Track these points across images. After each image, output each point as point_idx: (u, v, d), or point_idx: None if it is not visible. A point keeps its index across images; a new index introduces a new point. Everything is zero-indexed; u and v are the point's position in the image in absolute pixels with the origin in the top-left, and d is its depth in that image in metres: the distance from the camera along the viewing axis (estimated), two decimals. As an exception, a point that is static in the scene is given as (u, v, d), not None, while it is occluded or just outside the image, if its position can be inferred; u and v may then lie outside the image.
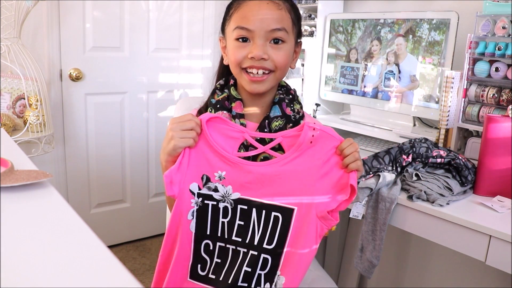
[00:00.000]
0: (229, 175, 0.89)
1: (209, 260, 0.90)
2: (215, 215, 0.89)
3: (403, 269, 1.82)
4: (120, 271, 0.51)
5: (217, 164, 0.89)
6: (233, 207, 0.89)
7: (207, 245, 0.89)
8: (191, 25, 2.45)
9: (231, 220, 0.89)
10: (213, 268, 0.89)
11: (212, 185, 0.89)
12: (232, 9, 0.94)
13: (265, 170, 0.88)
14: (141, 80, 2.37)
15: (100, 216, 2.38)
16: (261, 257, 0.88)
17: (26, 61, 1.74)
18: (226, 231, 0.89)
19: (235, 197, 0.89)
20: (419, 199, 1.14)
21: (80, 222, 0.64)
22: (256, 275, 0.88)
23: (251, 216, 0.88)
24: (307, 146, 0.87)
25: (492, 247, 1.01)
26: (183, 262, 0.90)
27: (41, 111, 1.78)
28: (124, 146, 2.39)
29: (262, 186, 0.88)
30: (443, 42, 1.49)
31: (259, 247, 0.88)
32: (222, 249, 0.89)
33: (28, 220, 0.65)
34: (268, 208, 0.88)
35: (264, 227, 0.88)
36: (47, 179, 0.78)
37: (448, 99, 1.40)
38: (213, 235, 0.89)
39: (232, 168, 0.89)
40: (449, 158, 1.20)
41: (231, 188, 0.89)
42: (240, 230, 0.89)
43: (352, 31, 1.81)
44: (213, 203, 0.89)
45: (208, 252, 0.90)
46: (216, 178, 0.89)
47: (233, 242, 0.89)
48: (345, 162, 0.85)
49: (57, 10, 2.05)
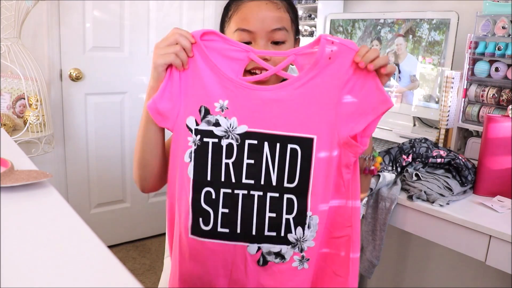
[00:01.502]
0: (233, 104, 0.76)
1: (213, 211, 0.77)
2: (217, 155, 0.76)
3: (403, 269, 1.82)
4: (120, 271, 0.51)
5: (217, 92, 0.76)
6: (239, 143, 0.76)
7: (208, 193, 0.77)
8: (191, 25, 2.45)
9: (238, 159, 0.76)
10: (221, 220, 0.77)
11: (212, 118, 0.76)
12: (231, 11, 0.94)
13: (276, 95, 0.76)
14: (141, 80, 2.37)
15: (100, 216, 2.38)
16: (284, 199, 0.77)
17: (26, 61, 1.74)
18: (233, 174, 0.77)
19: (241, 131, 0.76)
20: (419, 199, 1.14)
21: (80, 222, 0.64)
22: (284, 221, 0.77)
23: (262, 152, 0.76)
24: (325, 64, 0.75)
25: (492, 247, 1.01)
26: (184, 214, 0.78)
27: (41, 111, 1.78)
28: (124, 146, 2.39)
29: (274, 115, 0.76)
30: (443, 42, 1.49)
31: (280, 187, 0.76)
32: (229, 196, 0.77)
33: (28, 220, 0.65)
34: (283, 140, 0.76)
35: (281, 163, 0.76)
36: (47, 179, 0.78)
37: (448, 99, 1.40)
38: (216, 181, 0.77)
39: (236, 95, 0.76)
40: (449, 158, 1.20)
41: (236, 120, 0.76)
42: (251, 170, 0.76)
43: (352, 31, 1.81)
44: (214, 141, 0.76)
45: (210, 202, 0.77)
46: (217, 110, 0.76)
47: (243, 186, 0.77)
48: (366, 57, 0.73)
49: (57, 10, 2.05)
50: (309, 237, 0.78)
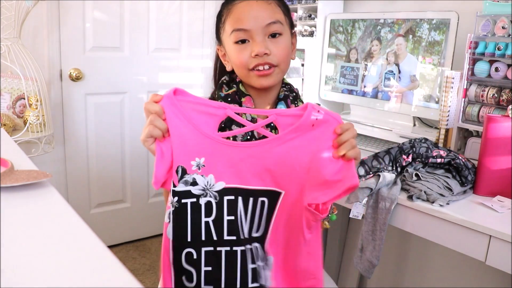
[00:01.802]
0: (210, 161, 0.75)
1: (195, 271, 0.76)
2: (196, 214, 0.76)
3: (403, 269, 1.82)
4: (120, 271, 0.51)
5: (193, 149, 0.75)
6: (218, 200, 0.76)
7: (189, 254, 0.76)
8: (191, 25, 2.45)
9: (218, 217, 0.76)
10: (205, 278, 0.76)
11: (189, 178, 0.75)
12: (223, 16, 0.95)
13: (254, 151, 0.76)
14: (141, 80, 2.37)
15: (100, 216, 2.38)
16: (253, 247, 0.78)
17: (26, 61, 1.74)
18: (214, 232, 0.76)
19: (219, 188, 0.76)
20: (419, 199, 1.14)
21: (80, 222, 0.64)
22: (262, 269, 0.78)
23: (237, 207, 0.77)
24: (307, 129, 0.76)
25: (492, 247, 1.01)
26: (166, 273, 0.77)
27: (41, 111, 1.78)
28: (124, 146, 2.39)
29: (249, 170, 0.76)
30: (443, 42, 1.49)
31: (250, 237, 0.78)
32: (211, 254, 0.76)
33: (28, 220, 0.65)
34: (255, 194, 0.77)
35: (252, 215, 0.78)
36: (47, 179, 0.78)
37: (448, 99, 1.40)
38: (196, 241, 0.76)
39: (212, 152, 0.75)
40: (449, 158, 1.20)
41: (213, 177, 0.76)
42: (231, 226, 0.77)
43: (352, 31, 1.81)
44: (192, 201, 0.76)
45: (191, 263, 0.76)
46: (193, 168, 0.76)
47: (225, 243, 0.76)
48: (340, 149, 0.75)
49: (57, 10, 2.05)
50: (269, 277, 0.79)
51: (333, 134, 0.76)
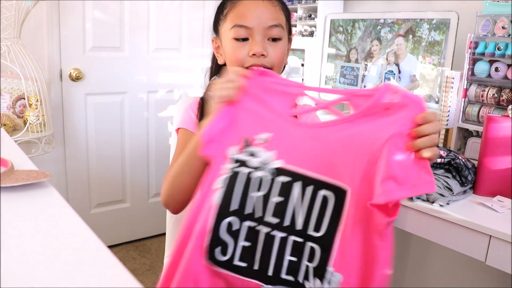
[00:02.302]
0: (276, 138, 0.73)
1: (233, 242, 0.72)
2: (246, 186, 0.73)
3: (403, 269, 1.82)
4: (120, 271, 0.51)
5: (263, 125, 0.74)
6: (271, 178, 0.72)
7: (229, 224, 0.72)
8: (191, 25, 2.45)
9: (266, 195, 0.72)
10: (241, 253, 0.72)
11: (251, 150, 0.74)
12: (226, 9, 0.95)
13: (319, 133, 0.71)
14: (141, 80, 2.37)
15: (100, 216, 2.38)
16: (306, 246, 0.70)
17: (26, 61, 1.74)
18: (258, 209, 0.72)
19: (276, 165, 0.72)
20: (419, 199, 1.14)
21: (80, 222, 0.64)
22: (304, 267, 0.70)
23: (292, 192, 0.71)
24: (381, 113, 0.66)
25: (492, 247, 1.01)
26: (198, 241, 0.72)
27: (41, 111, 1.78)
28: (124, 146, 2.39)
29: (313, 154, 0.70)
30: (443, 42, 1.49)
31: (303, 233, 0.70)
32: (251, 230, 0.72)
33: (28, 220, 0.65)
34: (315, 184, 0.70)
35: (309, 207, 0.70)
36: (47, 179, 0.78)
37: (448, 99, 1.40)
38: (240, 212, 0.72)
39: (281, 129, 0.73)
40: (449, 158, 1.20)
41: (275, 154, 0.73)
42: (278, 208, 0.71)
43: (352, 31, 1.81)
44: (247, 171, 0.73)
45: (231, 233, 0.72)
46: (257, 141, 0.74)
47: (267, 224, 0.71)
48: (417, 143, 0.63)
49: (57, 10, 2.05)
50: None
51: (412, 122, 0.64)
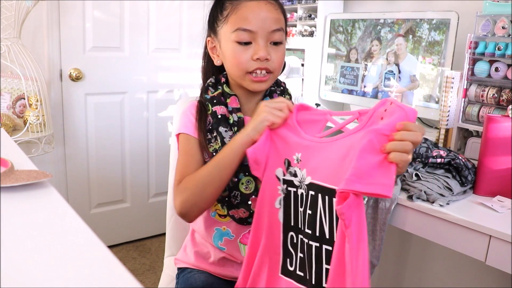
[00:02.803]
0: (305, 156, 0.81)
1: (294, 254, 0.82)
2: (296, 203, 0.82)
3: (403, 269, 1.82)
4: (120, 271, 0.51)
5: (293, 146, 0.83)
6: (306, 193, 0.80)
7: (291, 237, 0.83)
8: (191, 25, 2.45)
9: (304, 209, 0.80)
10: (299, 263, 0.81)
11: (292, 170, 0.83)
12: (227, 10, 0.93)
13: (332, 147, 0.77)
14: (141, 80, 2.37)
15: (100, 216, 2.38)
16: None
17: (26, 61, 1.74)
18: (305, 222, 0.80)
19: (307, 182, 0.80)
20: (419, 199, 1.14)
21: (80, 222, 0.64)
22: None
23: (318, 204, 0.77)
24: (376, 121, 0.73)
25: (492, 247, 1.01)
26: (273, 256, 0.83)
27: (41, 111, 1.78)
28: (124, 146, 2.39)
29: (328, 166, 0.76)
30: (443, 42, 1.49)
31: (332, 240, 0.74)
32: (302, 242, 0.81)
33: (28, 220, 0.65)
34: (330, 194, 0.75)
35: (330, 216, 0.75)
36: (47, 179, 0.78)
37: (448, 99, 1.40)
38: (296, 226, 0.82)
39: (307, 148, 0.81)
40: (449, 158, 1.20)
41: (306, 172, 0.80)
42: (309, 220, 0.79)
43: (352, 31, 1.81)
44: (294, 190, 0.82)
45: (293, 245, 0.82)
46: (294, 162, 0.83)
47: (306, 234, 0.79)
48: (388, 146, 0.66)
49: (57, 10, 2.05)
50: None
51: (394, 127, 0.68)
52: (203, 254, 1.06)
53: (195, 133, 0.97)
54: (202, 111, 0.98)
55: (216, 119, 0.96)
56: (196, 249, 1.07)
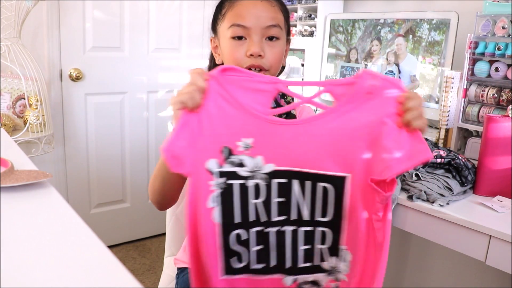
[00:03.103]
0: (259, 142, 0.71)
1: (245, 251, 0.75)
2: (244, 197, 0.72)
3: (403, 269, 1.82)
4: (120, 271, 0.51)
5: (241, 130, 0.71)
6: (267, 183, 0.72)
7: (238, 235, 0.74)
8: (191, 25, 2.45)
9: (267, 199, 0.73)
10: (257, 257, 0.75)
11: (235, 159, 0.71)
12: (224, 9, 0.95)
13: (307, 129, 0.70)
14: (141, 80, 2.37)
15: (100, 216, 2.38)
16: (317, 231, 0.74)
17: (26, 61, 1.74)
18: (263, 214, 0.73)
19: (268, 170, 0.72)
20: (419, 199, 1.14)
21: (80, 222, 0.64)
22: (319, 251, 0.74)
23: (292, 191, 0.72)
24: (364, 98, 0.69)
25: (492, 247, 1.01)
26: (211, 260, 0.73)
27: (41, 111, 1.78)
28: (124, 146, 2.39)
29: (303, 151, 0.70)
30: (443, 42, 1.49)
31: (312, 221, 0.73)
32: (260, 234, 0.74)
33: (28, 220, 0.65)
34: (313, 178, 0.71)
35: (312, 199, 0.72)
36: (47, 179, 0.78)
37: (448, 99, 1.40)
38: (245, 222, 0.73)
39: (262, 132, 0.71)
40: (449, 158, 1.20)
41: (262, 159, 0.71)
42: (282, 207, 0.73)
43: (352, 31, 1.81)
44: (240, 182, 0.72)
45: (241, 243, 0.74)
46: (240, 149, 0.71)
47: (274, 223, 0.74)
48: (406, 117, 0.67)
49: (57, 10, 2.05)
50: (342, 269, 0.74)
51: (395, 102, 0.68)
52: None
53: None
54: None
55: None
56: None
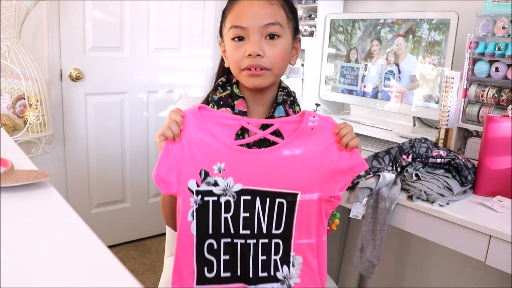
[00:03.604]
0: (229, 166, 0.86)
1: (215, 259, 0.86)
2: (217, 211, 0.86)
3: (403, 269, 1.82)
4: (120, 271, 0.51)
5: (215, 156, 0.86)
6: (235, 199, 0.86)
7: (210, 245, 0.86)
8: (191, 25, 2.45)
9: (235, 213, 0.86)
10: (224, 266, 0.87)
11: (211, 180, 0.85)
12: (226, 11, 0.95)
13: (267, 157, 0.86)
14: (141, 80, 2.37)
15: (100, 216, 2.38)
16: (272, 243, 0.87)
17: (26, 61, 1.74)
18: (232, 226, 0.86)
19: (237, 189, 0.86)
20: (419, 199, 1.14)
21: (80, 222, 0.64)
22: (272, 261, 0.88)
23: (255, 206, 0.86)
24: (308, 133, 0.87)
25: (492, 247, 1.01)
26: (187, 269, 0.86)
27: (41, 111, 1.78)
28: (124, 146, 2.39)
29: (264, 174, 0.86)
30: (443, 42, 1.50)
31: (269, 234, 0.87)
32: (228, 245, 0.87)
33: (28, 220, 0.65)
34: (272, 196, 0.86)
35: (270, 214, 0.87)
36: (47, 179, 0.78)
37: (448, 99, 1.40)
38: (216, 233, 0.86)
39: (231, 158, 0.86)
40: (449, 158, 1.20)
41: (232, 180, 0.86)
42: (246, 222, 0.86)
43: (352, 31, 1.81)
44: (213, 199, 0.86)
45: (212, 252, 0.86)
46: (215, 172, 0.85)
47: (240, 236, 0.86)
48: (344, 140, 0.86)
49: (57, 10, 2.05)
50: (294, 274, 0.88)
51: (332, 133, 0.88)
52: None
53: None
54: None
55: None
56: None
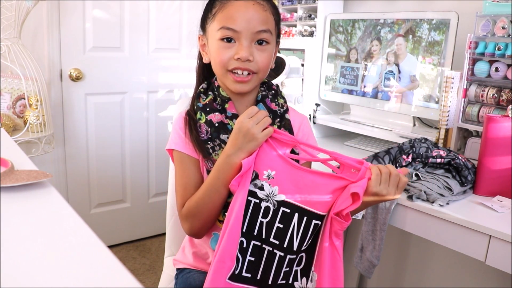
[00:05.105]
0: (279, 176, 0.89)
1: (241, 258, 0.89)
2: (255, 213, 0.89)
3: (403, 269, 1.82)
4: (120, 271, 0.51)
5: (269, 163, 0.90)
6: (275, 208, 0.89)
7: (240, 242, 0.88)
8: (191, 25, 2.45)
9: (271, 221, 0.89)
10: (247, 266, 0.89)
11: (259, 183, 0.89)
12: (215, 8, 0.93)
13: (315, 178, 0.89)
14: (141, 80, 2.37)
15: (100, 216, 2.38)
16: (298, 257, 0.90)
17: (26, 61, 1.74)
18: (264, 232, 0.89)
19: (279, 199, 0.89)
20: (419, 199, 1.14)
21: (80, 222, 0.64)
22: (293, 272, 0.90)
23: (291, 221, 0.88)
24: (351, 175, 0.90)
25: (492, 247, 1.01)
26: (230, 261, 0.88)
27: (41, 111, 1.78)
28: (124, 146, 2.40)
29: (306, 192, 0.89)
30: (443, 42, 1.50)
31: (298, 251, 0.89)
32: (257, 247, 0.89)
33: (28, 220, 0.65)
34: (310, 215, 0.88)
35: (304, 232, 0.88)
36: (47, 179, 0.78)
37: (448, 99, 1.40)
38: (249, 234, 0.89)
39: (283, 170, 0.90)
40: (449, 158, 1.20)
41: (278, 189, 0.89)
42: (278, 232, 0.89)
43: (352, 31, 1.81)
44: (255, 201, 0.89)
45: (240, 250, 0.88)
46: (264, 176, 0.89)
47: (270, 243, 0.89)
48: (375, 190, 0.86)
49: (57, 10, 2.05)
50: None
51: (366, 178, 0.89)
52: (201, 255, 1.06)
53: (187, 149, 0.96)
54: (191, 124, 0.97)
55: (214, 128, 0.95)
56: (194, 250, 1.07)
